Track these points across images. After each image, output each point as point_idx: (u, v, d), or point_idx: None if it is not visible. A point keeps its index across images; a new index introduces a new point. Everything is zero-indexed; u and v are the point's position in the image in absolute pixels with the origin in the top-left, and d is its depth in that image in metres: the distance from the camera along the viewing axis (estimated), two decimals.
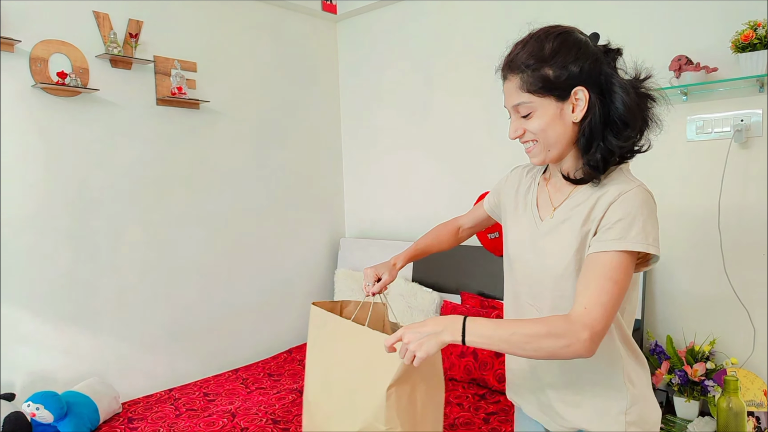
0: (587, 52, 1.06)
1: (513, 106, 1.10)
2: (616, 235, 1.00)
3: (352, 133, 3.37)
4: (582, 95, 1.05)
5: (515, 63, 1.08)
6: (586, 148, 1.08)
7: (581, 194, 1.11)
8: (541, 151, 1.11)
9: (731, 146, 2.00)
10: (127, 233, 2.42)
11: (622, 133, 1.06)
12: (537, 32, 1.10)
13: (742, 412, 1.74)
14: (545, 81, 1.05)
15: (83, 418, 1.97)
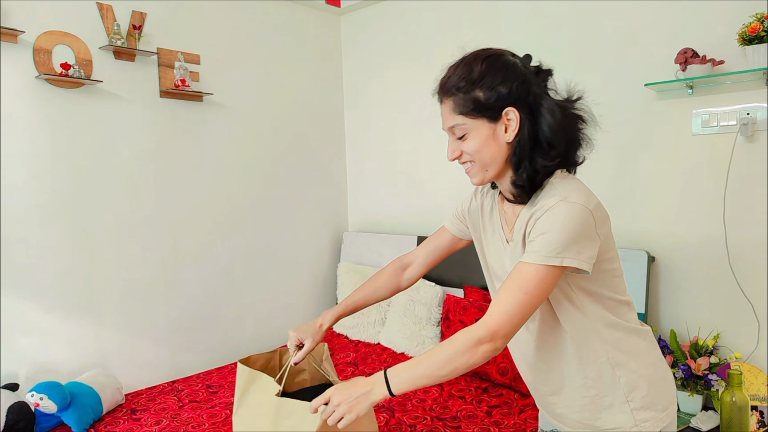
0: (515, 73, 1.08)
1: (449, 128, 1.13)
2: (535, 247, 1.02)
3: (355, 127, 3.36)
4: (513, 116, 1.07)
5: (447, 86, 1.11)
6: (515, 168, 1.10)
7: (524, 214, 1.12)
8: (479, 171, 1.13)
9: (737, 140, 1.99)
10: (131, 225, 2.42)
11: (548, 153, 1.08)
12: (467, 56, 1.13)
13: (745, 406, 1.73)
14: (476, 103, 1.07)
15: (86, 408, 1.98)
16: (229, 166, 2.79)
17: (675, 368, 2.07)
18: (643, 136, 2.24)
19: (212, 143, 2.72)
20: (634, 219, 2.29)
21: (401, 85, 3.09)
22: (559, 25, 2.45)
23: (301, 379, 1.69)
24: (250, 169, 2.88)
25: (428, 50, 2.94)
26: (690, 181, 2.14)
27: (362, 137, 3.32)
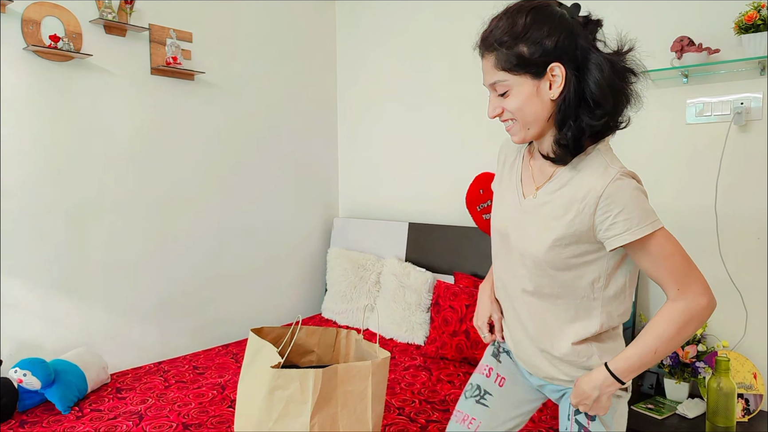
0: (562, 25, 1.03)
1: (490, 84, 1.09)
2: (624, 226, 1.02)
3: (347, 111, 3.33)
4: (558, 71, 1.03)
5: (489, 40, 1.07)
6: (560, 127, 1.07)
7: (562, 176, 1.11)
8: (520, 130, 1.10)
9: (730, 129, 1.99)
10: (118, 203, 2.38)
11: (594, 111, 1.04)
12: (511, 7, 1.08)
13: (732, 392, 1.75)
14: (520, 58, 1.03)
15: (71, 386, 1.95)
16: (219, 147, 2.76)
17: None
18: (637, 124, 2.24)
19: (203, 123, 2.68)
20: None
21: (395, 71, 3.06)
22: None
23: (308, 359, 1.69)
24: (240, 150, 2.85)
25: (423, 37, 2.92)
26: (683, 170, 2.15)
27: (355, 122, 3.30)
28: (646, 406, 2.04)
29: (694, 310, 1.04)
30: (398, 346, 2.62)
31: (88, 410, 1.91)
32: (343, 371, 1.33)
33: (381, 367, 1.39)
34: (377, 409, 1.40)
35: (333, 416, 1.30)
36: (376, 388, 1.37)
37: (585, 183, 1.06)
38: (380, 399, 1.41)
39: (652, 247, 1.04)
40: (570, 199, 1.08)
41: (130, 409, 1.92)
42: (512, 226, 1.18)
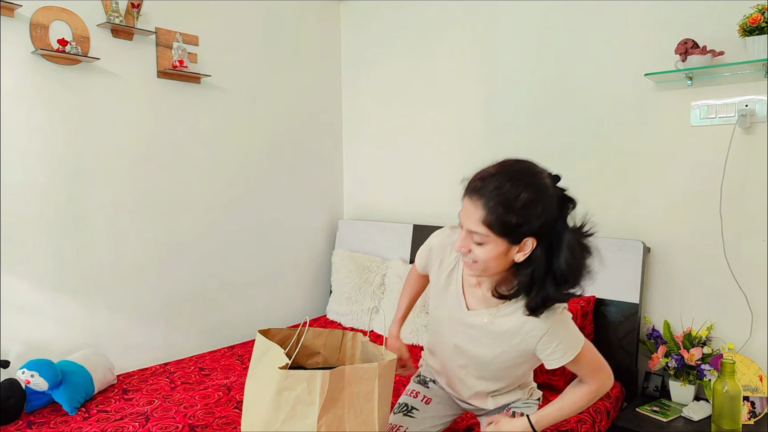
0: (548, 209, 1.18)
1: (468, 230, 1.22)
2: (562, 353, 1.30)
3: (352, 113, 3.35)
4: (530, 244, 1.19)
5: (484, 193, 1.18)
6: (527, 291, 1.24)
7: (509, 308, 1.32)
8: (477, 270, 1.27)
9: (735, 131, 1.99)
10: (125, 206, 2.40)
11: (561, 286, 1.21)
12: (512, 169, 1.20)
13: (738, 395, 1.74)
14: (507, 226, 1.17)
15: (78, 387, 1.96)
16: (225, 150, 2.77)
17: (668, 358, 2.08)
18: (641, 127, 2.25)
19: (209, 126, 2.70)
20: (631, 209, 2.29)
21: (400, 73, 3.07)
22: (559, 14, 2.44)
23: (314, 361, 1.69)
24: (245, 153, 2.87)
25: (428, 39, 2.93)
26: (687, 173, 2.15)
27: (359, 124, 3.31)
28: (651, 408, 2.04)
29: (601, 391, 1.37)
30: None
31: (95, 411, 1.92)
32: (350, 373, 1.33)
33: (387, 369, 1.39)
34: (383, 411, 1.40)
35: (340, 417, 1.31)
36: (383, 389, 1.37)
37: (527, 322, 1.29)
38: (386, 400, 1.41)
39: (580, 359, 1.32)
40: (517, 327, 1.31)
41: (137, 410, 1.93)
42: (458, 329, 1.41)
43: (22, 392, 1.89)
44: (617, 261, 2.23)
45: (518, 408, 1.55)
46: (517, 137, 2.62)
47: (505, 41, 2.63)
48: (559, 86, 2.47)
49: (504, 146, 2.64)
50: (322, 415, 1.27)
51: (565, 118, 2.46)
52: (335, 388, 1.30)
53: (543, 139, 2.53)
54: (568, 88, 2.44)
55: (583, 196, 2.38)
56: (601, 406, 1.99)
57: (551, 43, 2.49)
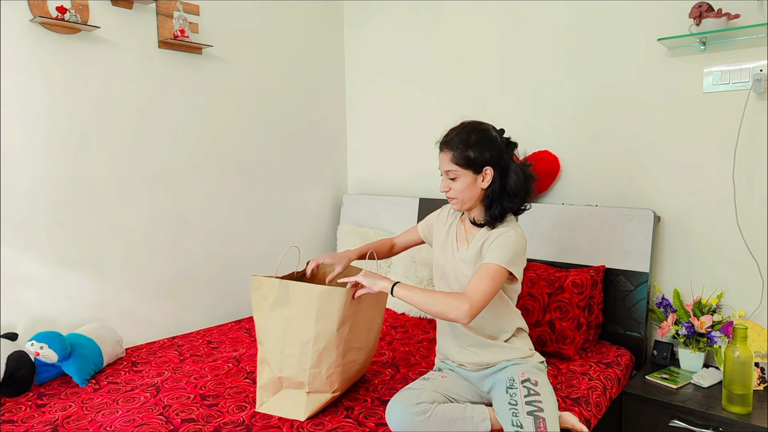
0: (495, 145, 1.63)
1: (445, 171, 1.66)
2: (494, 255, 1.58)
3: (356, 87, 3.30)
4: (489, 172, 1.63)
5: (450, 143, 1.64)
6: (488, 207, 1.66)
7: (481, 234, 1.69)
8: (458, 204, 1.68)
9: (749, 97, 1.97)
10: (128, 179, 2.36)
11: (513, 200, 1.65)
12: (466, 124, 1.67)
13: (749, 360, 1.75)
14: (468, 159, 1.61)
15: (87, 359, 1.95)
16: (228, 123, 2.73)
17: (678, 326, 2.08)
18: (653, 94, 2.22)
19: (212, 98, 2.65)
20: (641, 177, 2.27)
21: (404, 46, 3.02)
22: None
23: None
24: (249, 126, 2.83)
25: (432, 16, 2.88)
26: (699, 139, 2.12)
27: (363, 98, 3.27)
28: (661, 375, 2.04)
29: (455, 307, 1.49)
30: (411, 320, 2.63)
31: (105, 383, 1.92)
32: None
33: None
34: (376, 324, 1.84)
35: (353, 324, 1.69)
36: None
37: (492, 233, 1.65)
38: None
39: (491, 268, 1.56)
40: (483, 243, 1.66)
41: (147, 381, 1.92)
42: (451, 267, 1.74)
43: (31, 364, 1.88)
44: (627, 230, 2.22)
45: (529, 373, 1.62)
46: (524, 105, 2.59)
47: (514, 9, 2.58)
48: (569, 53, 2.43)
49: (509, 116, 2.61)
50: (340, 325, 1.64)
51: (574, 85, 2.42)
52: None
53: (552, 108, 2.50)
54: (578, 55, 2.40)
55: (592, 165, 2.38)
56: (612, 374, 1.99)
57: (562, 9, 2.44)
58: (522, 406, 1.50)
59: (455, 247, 1.74)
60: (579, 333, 2.11)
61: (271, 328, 1.68)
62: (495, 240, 1.61)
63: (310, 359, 1.63)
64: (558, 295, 2.15)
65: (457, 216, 1.81)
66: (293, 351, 1.65)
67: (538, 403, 1.51)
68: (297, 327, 1.64)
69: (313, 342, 1.62)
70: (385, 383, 1.89)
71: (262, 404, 1.68)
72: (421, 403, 1.50)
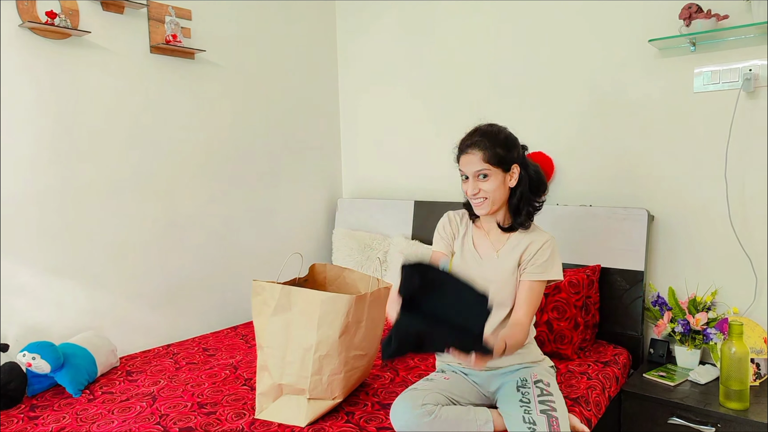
0: (518, 144, 1.66)
1: (475, 172, 1.62)
2: (541, 269, 1.63)
3: (350, 90, 3.29)
4: (516, 170, 1.64)
5: (478, 143, 1.62)
6: (515, 207, 1.67)
7: (515, 240, 1.68)
8: (488, 205, 1.63)
9: (740, 96, 1.99)
10: (120, 186, 2.34)
11: (540, 196, 1.69)
12: (490, 125, 1.67)
13: (745, 356, 1.76)
14: (499, 157, 1.60)
15: (81, 369, 1.92)
16: (221, 129, 2.71)
17: (674, 323, 2.09)
18: (644, 94, 2.24)
19: (204, 103, 2.63)
20: (634, 177, 2.29)
21: (398, 48, 3.03)
22: None
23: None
24: (242, 132, 2.81)
25: (425, 20, 2.89)
26: (691, 139, 2.15)
27: (357, 102, 3.26)
28: (658, 373, 2.05)
29: (527, 335, 1.61)
30: None
31: (99, 393, 1.88)
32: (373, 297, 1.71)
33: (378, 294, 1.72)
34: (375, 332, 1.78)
35: (356, 329, 1.68)
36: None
37: (533, 240, 1.66)
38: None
39: (540, 287, 1.64)
40: (522, 252, 1.65)
41: (143, 390, 1.89)
42: (478, 279, 1.58)
43: (23, 376, 1.84)
44: (622, 230, 2.23)
45: (542, 375, 1.64)
46: (517, 107, 2.60)
47: (504, 10, 2.60)
48: (561, 54, 2.45)
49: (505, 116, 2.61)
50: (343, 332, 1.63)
51: (567, 87, 2.44)
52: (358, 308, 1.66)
53: (545, 110, 2.52)
54: (570, 56, 2.42)
55: (586, 166, 2.40)
56: (610, 373, 2.00)
57: (553, 11, 2.46)
58: (535, 404, 1.50)
59: (477, 257, 1.71)
60: (577, 333, 2.11)
61: (272, 334, 1.66)
62: (538, 252, 1.63)
63: (311, 366, 1.61)
64: (555, 295, 2.15)
65: (470, 224, 1.78)
66: (294, 358, 1.63)
67: (551, 402, 1.51)
68: (299, 333, 1.63)
69: (315, 349, 1.61)
70: (385, 387, 1.88)
71: (262, 411, 1.66)
72: (427, 404, 1.49)
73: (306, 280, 1.96)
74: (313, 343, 1.61)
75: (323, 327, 1.60)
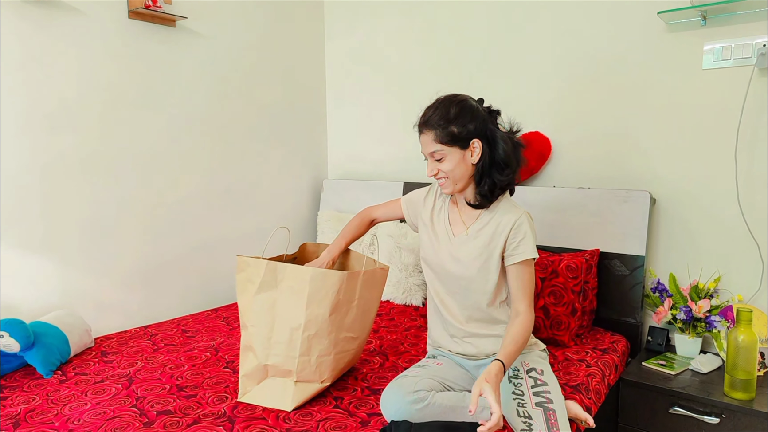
0: (478, 115, 1.51)
1: (429, 153, 1.53)
2: (521, 250, 1.53)
3: (336, 68, 3.17)
4: (477, 145, 1.51)
5: (429, 122, 1.51)
6: (478, 182, 1.55)
7: (485, 218, 1.59)
8: (450, 184, 1.55)
9: (754, 72, 1.91)
10: (95, 160, 2.20)
11: (503, 171, 1.53)
12: (443, 100, 1.54)
13: (753, 344, 1.69)
14: (452, 135, 1.49)
15: (52, 349, 1.80)
16: (203, 102, 2.58)
17: (676, 310, 2.02)
18: (650, 71, 2.15)
19: (185, 74, 2.49)
20: (637, 158, 2.21)
21: (385, 26, 2.90)
22: None
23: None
24: (225, 106, 2.68)
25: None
26: (699, 118, 2.06)
27: (344, 80, 3.14)
28: (657, 362, 1.98)
29: (531, 326, 1.51)
30: (396, 308, 2.53)
31: (72, 374, 1.77)
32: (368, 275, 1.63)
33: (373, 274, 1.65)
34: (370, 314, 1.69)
35: (347, 309, 1.59)
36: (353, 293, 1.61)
37: (502, 219, 1.56)
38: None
39: (529, 268, 1.55)
40: (493, 229, 1.56)
41: (119, 372, 1.78)
42: (447, 257, 1.61)
43: None
44: (623, 213, 2.15)
45: (533, 363, 1.57)
46: (513, 84, 2.50)
47: None
48: (560, 28, 2.35)
49: (499, 94, 2.52)
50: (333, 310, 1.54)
51: (567, 63, 2.34)
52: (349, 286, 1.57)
53: (542, 88, 2.42)
54: (571, 30, 2.32)
55: (585, 147, 2.31)
56: (610, 360, 1.92)
57: None
58: (529, 396, 1.42)
59: (451, 234, 1.63)
60: (574, 319, 2.04)
61: (257, 313, 1.56)
62: (511, 232, 1.53)
63: (299, 346, 1.51)
64: (552, 279, 2.07)
65: (447, 199, 1.69)
66: (281, 337, 1.53)
67: (546, 393, 1.43)
68: (286, 312, 1.52)
69: (304, 328, 1.51)
70: (375, 372, 1.79)
71: (245, 394, 1.56)
72: (419, 390, 1.40)
73: (295, 258, 1.85)
74: (302, 322, 1.51)
75: (312, 305, 1.50)
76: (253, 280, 1.56)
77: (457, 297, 1.62)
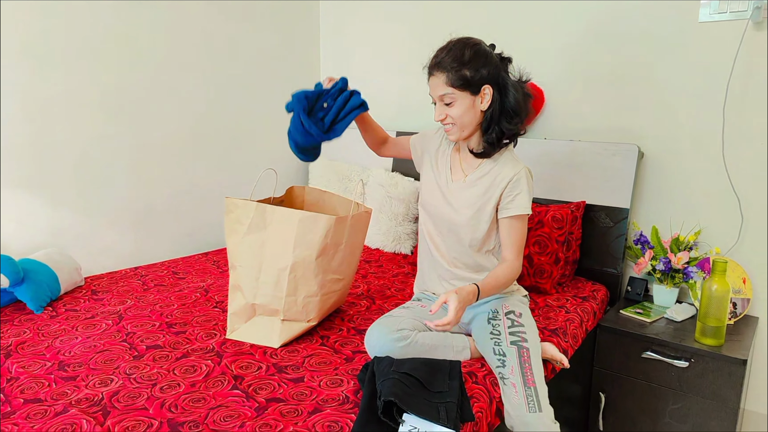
0: (492, 61, 1.48)
1: (439, 96, 1.50)
2: (516, 205, 1.53)
3: (330, 15, 3.10)
4: (488, 91, 1.48)
5: (442, 64, 1.47)
6: (486, 130, 1.53)
7: (485, 168, 1.58)
8: (457, 131, 1.54)
9: (747, 26, 1.89)
10: (87, 98, 2.17)
11: (512, 120, 1.52)
12: (456, 42, 1.50)
13: (726, 294, 1.75)
14: (464, 79, 1.46)
15: (42, 285, 1.82)
16: (196, 44, 2.52)
17: (656, 261, 2.07)
18: (646, 24, 2.13)
19: (179, 16, 2.43)
20: (628, 111, 2.21)
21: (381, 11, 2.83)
22: None
23: None
24: (218, 48, 2.63)
25: None
26: (692, 72, 2.06)
27: (336, 26, 3.08)
28: (635, 310, 2.05)
29: (515, 274, 1.55)
30: (385, 255, 2.57)
31: (62, 310, 1.80)
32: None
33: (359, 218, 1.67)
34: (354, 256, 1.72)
35: (334, 252, 1.61)
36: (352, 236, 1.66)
37: (501, 171, 1.55)
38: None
39: (522, 223, 1.56)
40: (492, 179, 1.56)
41: (109, 309, 1.82)
42: (442, 200, 1.62)
43: None
44: (611, 166, 2.17)
45: (513, 306, 1.60)
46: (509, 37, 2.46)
47: None
48: None
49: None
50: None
51: (559, 13, 2.31)
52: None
53: (538, 40, 2.39)
54: None
55: (577, 99, 2.30)
56: (589, 308, 1.98)
57: None
58: (505, 336, 1.47)
59: (449, 179, 1.63)
60: (557, 268, 2.08)
61: (246, 253, 1.58)
62: (508, 185, 1.53)
63: (286, 287, 1.54)
64: (537, 230, 2.11)
65: (451, 144, 1.68)
66: (269, 278, 1.56)
67: (522, 333, 1.48)
68: (274, 253, 1.55)
69: (291, 269, 1.54)
70: (361, 314, 1.83)
71: (234, 331, 1.60)
72: (403, 329, 1.44)
73: (282, 201, 1.86)
74: (289, 263, 1.53)
75: (300, 247, 1.53)
76: (242, 222, 1.58)
77: (446, 239, 1.65)
